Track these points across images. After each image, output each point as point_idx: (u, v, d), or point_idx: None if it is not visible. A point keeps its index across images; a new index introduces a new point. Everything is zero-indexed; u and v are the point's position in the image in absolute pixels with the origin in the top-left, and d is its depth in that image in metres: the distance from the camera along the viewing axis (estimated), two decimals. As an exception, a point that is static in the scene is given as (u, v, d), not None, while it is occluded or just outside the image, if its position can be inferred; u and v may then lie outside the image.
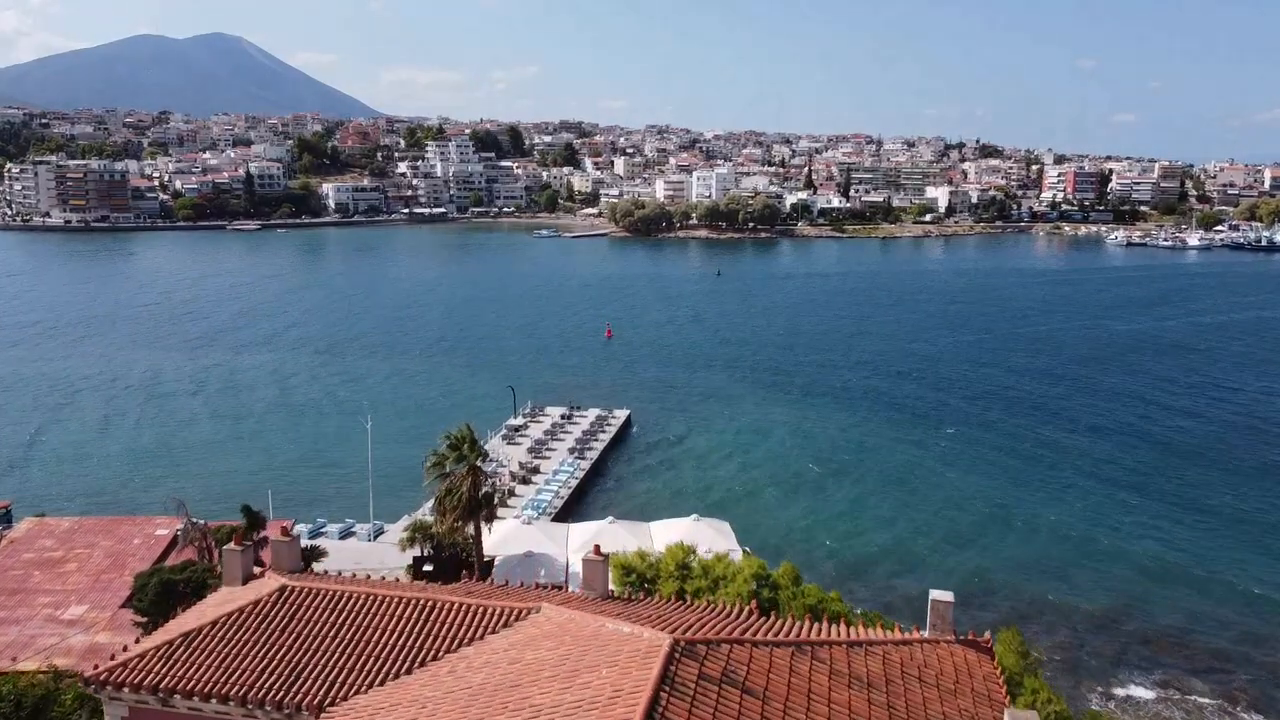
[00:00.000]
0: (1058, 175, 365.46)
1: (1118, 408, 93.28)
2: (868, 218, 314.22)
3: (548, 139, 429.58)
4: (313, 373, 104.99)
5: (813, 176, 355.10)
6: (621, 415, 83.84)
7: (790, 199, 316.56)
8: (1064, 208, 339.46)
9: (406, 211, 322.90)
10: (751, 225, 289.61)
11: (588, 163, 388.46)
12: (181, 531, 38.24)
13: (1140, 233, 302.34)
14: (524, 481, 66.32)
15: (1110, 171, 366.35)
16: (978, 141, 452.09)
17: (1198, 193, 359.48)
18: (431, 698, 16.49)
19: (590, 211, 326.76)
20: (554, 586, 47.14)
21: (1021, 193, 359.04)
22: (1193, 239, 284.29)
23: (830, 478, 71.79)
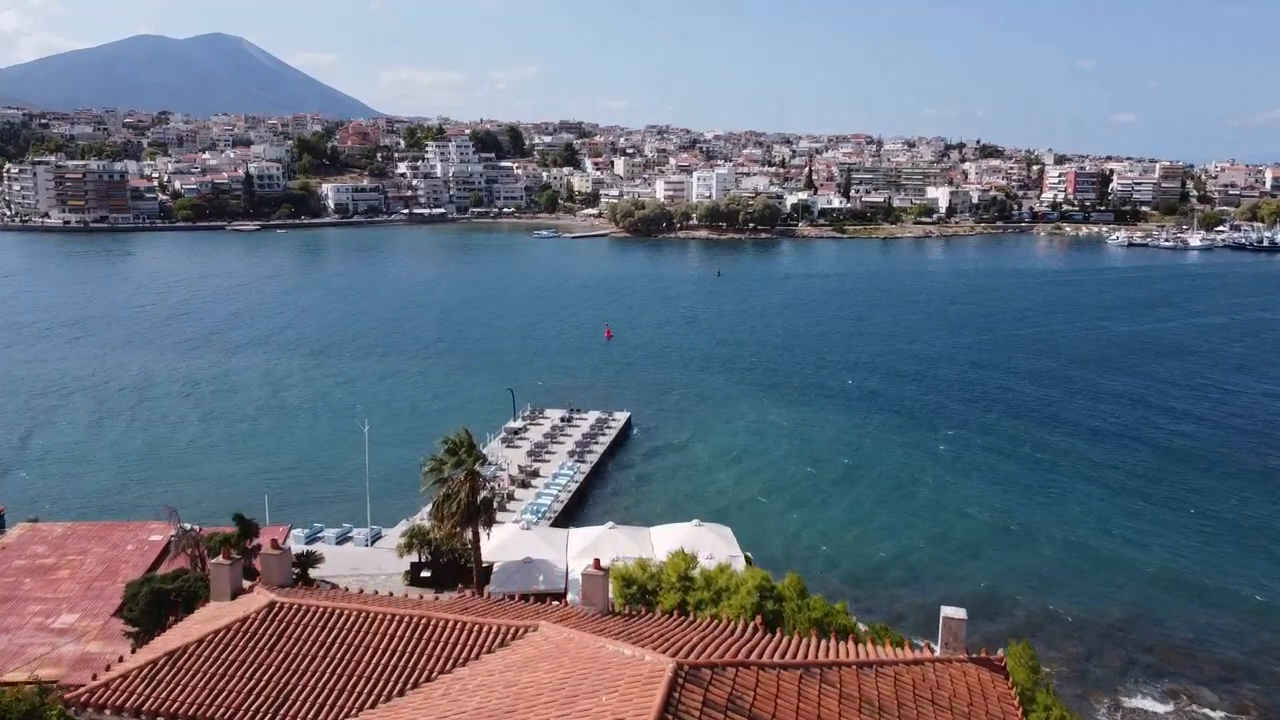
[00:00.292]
0: (1058, 175, 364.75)
1: (1121, 411, 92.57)
2: (868, 218, 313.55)
3: (548, 139, 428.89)
4: (310, 374, 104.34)
5: (813, 177, 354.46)
6: (622, 418, 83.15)
7: (790, 199, 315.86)
8: (1065, 208, 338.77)
9: (406, 212, 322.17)
10: (752, 226, 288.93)
11: (588, 163, 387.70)
12: (173, 539, 37.53)
13: (1141, 233, 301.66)
14: (523, 485, 65.64)
15: (1111, 172, 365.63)
16: (978, 142, 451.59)
17: (1199, 193, 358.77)
18: (424, 722, 15.82)
19: (590, 212, 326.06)
20: (552, 595, 46.70)
21: (1022, 193, 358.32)
22: (1194, 239, 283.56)
23: (832, 481, 71.16)
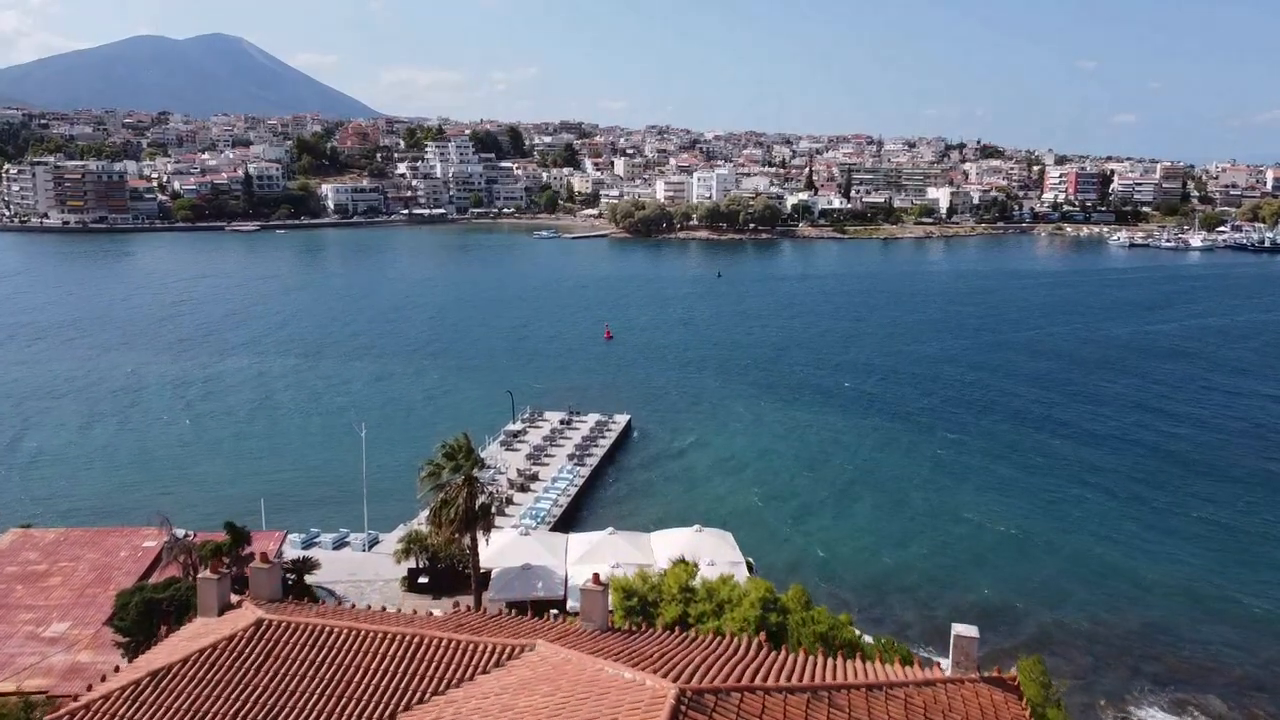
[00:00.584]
0: (1059, 176, 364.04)
1: (1125, 416, 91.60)
2: (869, 218, 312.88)
3: (548, 139, 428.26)
4: (307, 376, 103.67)
5: (813, 177, 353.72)
6: (622, 420, 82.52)
7: (791, 200, 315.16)
8: (1066, 209, 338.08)
9: (406, 212, 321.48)
10: (752, 226, 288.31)
11: (588, 163, 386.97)
12: (165, 548, 36.88)
13: (1143, 234, 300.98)
14: (522, 489, 65.00)
15: (1112, 172, 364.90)
16: (978, 142, 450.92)
17: (1200, 193, 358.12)
18: (416, 748, 15.19)
19: (590, 212, 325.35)
20: (552, 602, 46.09)
21: (1023, 193, 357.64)
22: (1195, 240, 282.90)
23: (833, 485, 70.51)
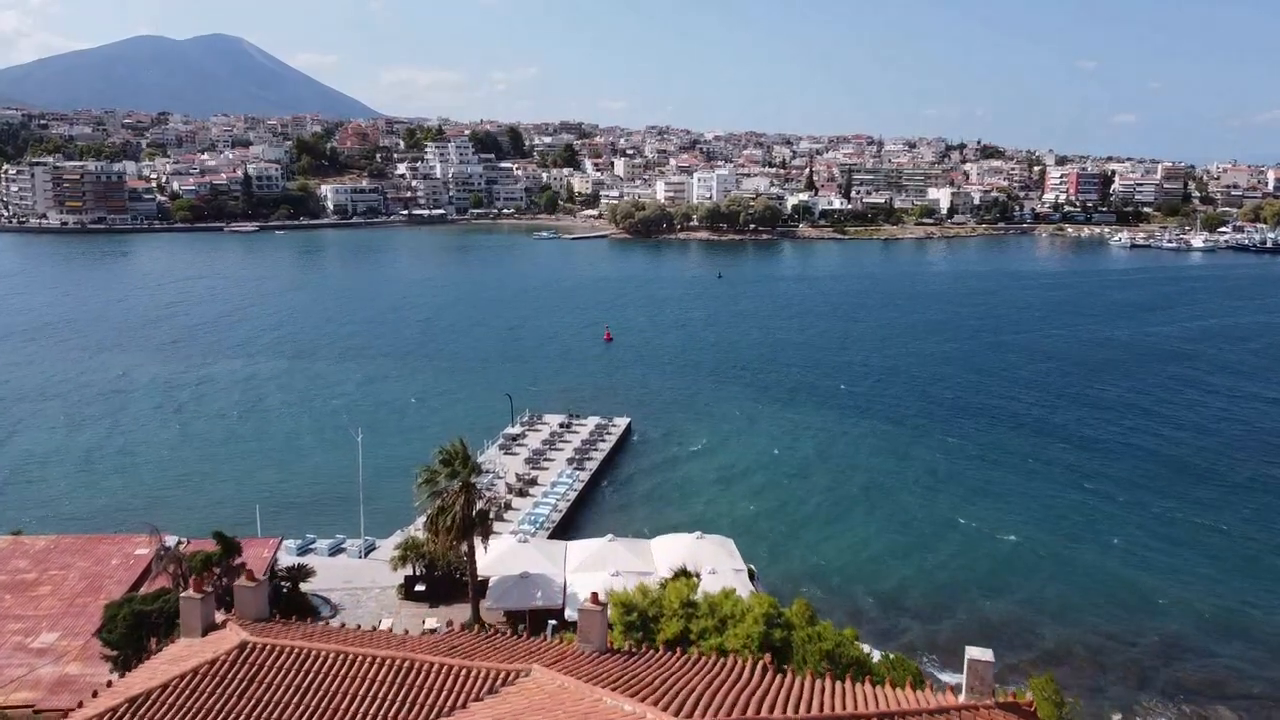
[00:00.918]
0: (1060, 176, 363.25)
1: (1129, 421, 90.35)
2: (869, 219, 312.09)
3: (547, 140, 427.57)
4: (303, 380, 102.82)
5: (814, 177, 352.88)
6: (622, 423, 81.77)
7: (791, 200, 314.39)
8: (1067, 209, 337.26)
9: (405, 213, 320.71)
10: (752, 227, 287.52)
11: (588, 164, 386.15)
12: (154, 558, 36.11)
13: (1144, 234, 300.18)
14: (521, 494, 64.28)
15: (1113, 173, 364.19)
16: (979, 142, 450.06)
17: (1201, 194, 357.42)
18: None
19: (590, 213, 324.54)
20: (550, 611, 45.34)
21: (1024, 194, 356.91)
22: (1197, 241, 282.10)
23: (836, 490, 69.69)
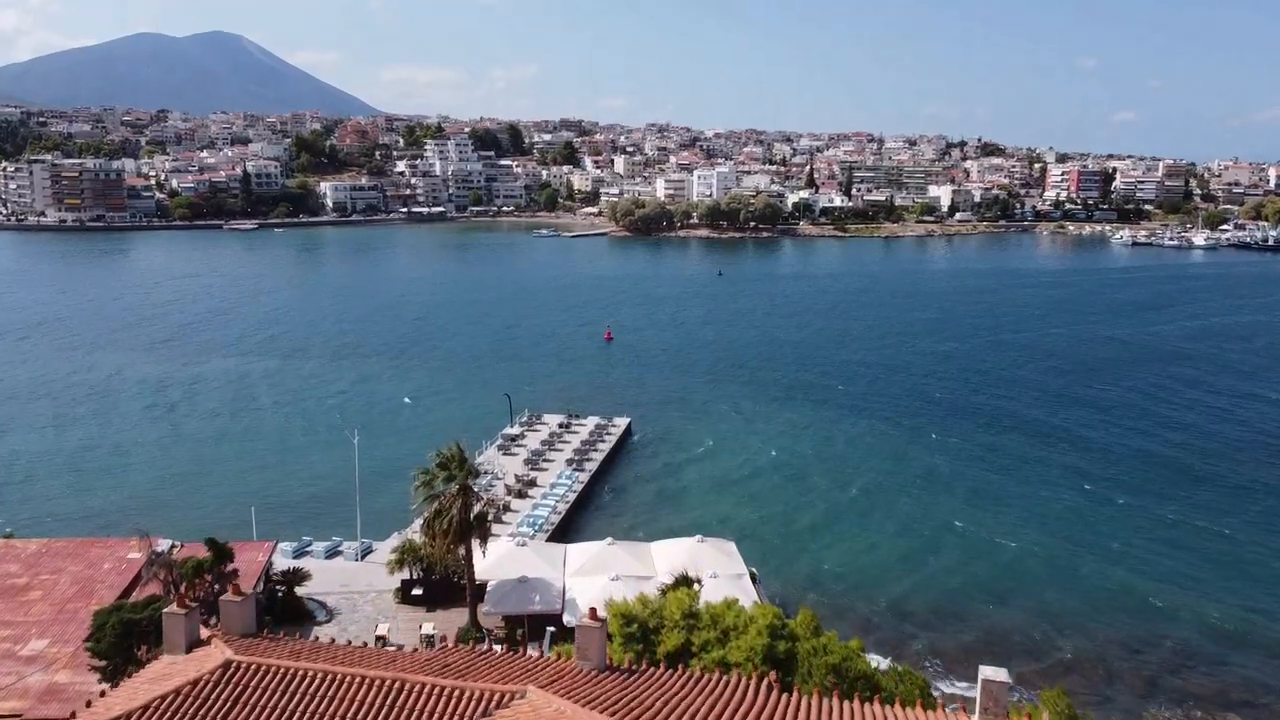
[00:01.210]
0: (1061, 174, 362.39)
1: (1132, 423, 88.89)
2: (870, 217, 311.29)
3: (547, 137, 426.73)
4: (299, 379, 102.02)
5: (814, 175, 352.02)
6: (622, 424, 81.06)
7: (792, 198, 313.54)
8: (1068, 207, 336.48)
9: (405, 211, 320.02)
10: (753, 224, 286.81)
11: (588, 161, 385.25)
12: (145, 565, 35.43)
13: (1146, 232, 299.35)
14: (520, 495, 63.57)
15: (1114, 170, 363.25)
16: (979, 140, 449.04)
17: (1202, 191, 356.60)
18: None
19: (590, 210, 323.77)
20: (549, 616, 44.65)
21: (1025, 191, 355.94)
22: (1199, 238, 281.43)
23: (839, 492, 68.88)
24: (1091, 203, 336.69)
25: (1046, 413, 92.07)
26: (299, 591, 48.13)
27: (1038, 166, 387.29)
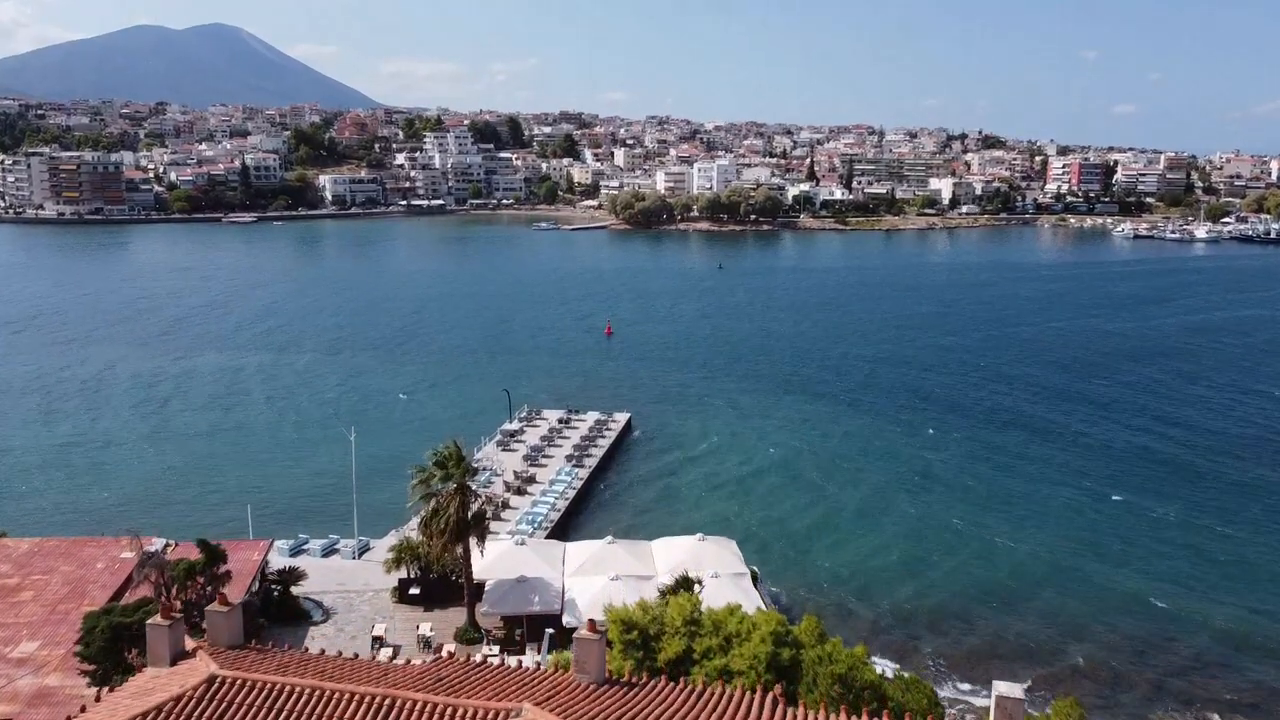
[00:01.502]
0: (1062, 166, 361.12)
1: (1136, 421, 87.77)
2: (871, 210, 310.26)
3: (547, 130, 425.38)
4: (295, 374, 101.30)
5: (815, 168, 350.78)
6: (622, 419, 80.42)
7: (792, 191, 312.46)
8: (1069, 199, 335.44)
9: (404, 203, 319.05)
10: (753, 218, 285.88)
11: (587, 154, 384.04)
12: (136, 566, 34.80)
13: (1147, 225, 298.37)
14: (519, 492, 62.99)
15: (1115, 163, 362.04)
16: (980, 132, 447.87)
17: (1204, 184, 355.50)
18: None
19: (590, 203, 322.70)
20: (548, 616, 44.03)
21: (1025, 184, 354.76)
22: (1200, 231, 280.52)
23: (842, 490, 68.17)
24: (1093, 195, 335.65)
25: (1047, 408, 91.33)
26: (295, 590, 47.51)
27: (1039, 159, 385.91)
